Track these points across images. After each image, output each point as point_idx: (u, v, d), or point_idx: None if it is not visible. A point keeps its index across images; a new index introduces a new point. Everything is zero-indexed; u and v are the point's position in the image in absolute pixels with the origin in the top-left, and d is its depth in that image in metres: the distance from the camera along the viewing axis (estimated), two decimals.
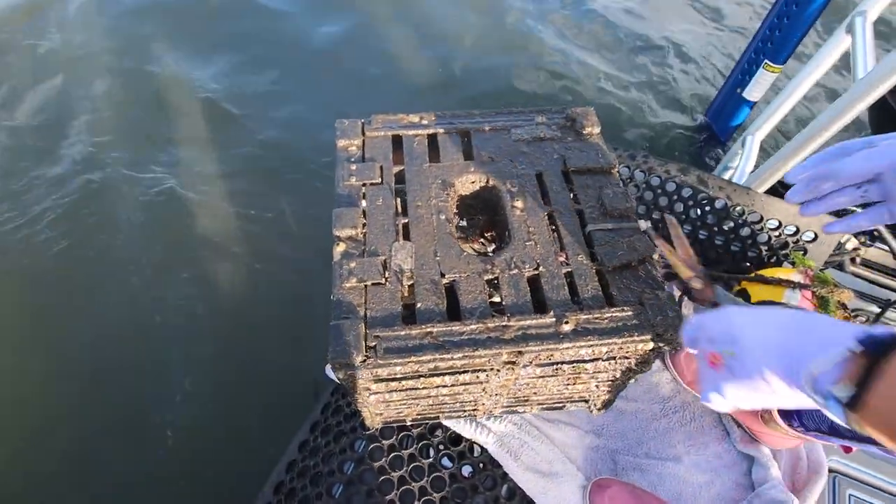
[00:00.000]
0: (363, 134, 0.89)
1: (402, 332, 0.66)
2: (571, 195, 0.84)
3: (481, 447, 1.00)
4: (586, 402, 0.96)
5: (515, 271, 0.74)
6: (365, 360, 0.64)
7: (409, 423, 0.97)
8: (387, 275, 0.72)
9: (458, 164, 0.87)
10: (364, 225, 0.77)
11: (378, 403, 0.79)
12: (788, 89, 1.33)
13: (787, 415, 0.98)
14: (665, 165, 1.32)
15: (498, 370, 0.71)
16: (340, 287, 0.70)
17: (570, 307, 0.70)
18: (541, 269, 0.74)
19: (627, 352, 0.72)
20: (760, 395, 0.48)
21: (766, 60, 1.59)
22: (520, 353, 0.67)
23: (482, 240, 0.92)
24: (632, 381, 0.84)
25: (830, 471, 1.12)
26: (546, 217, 0.80)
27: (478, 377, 0.74)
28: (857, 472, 1.13)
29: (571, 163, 0.86)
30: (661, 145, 2.14)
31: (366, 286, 0.70)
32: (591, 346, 0.68)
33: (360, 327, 0.66)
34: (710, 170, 1.71)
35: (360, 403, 0.78)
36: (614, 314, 0.69)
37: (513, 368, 0.71)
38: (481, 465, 0.99)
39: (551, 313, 0.69)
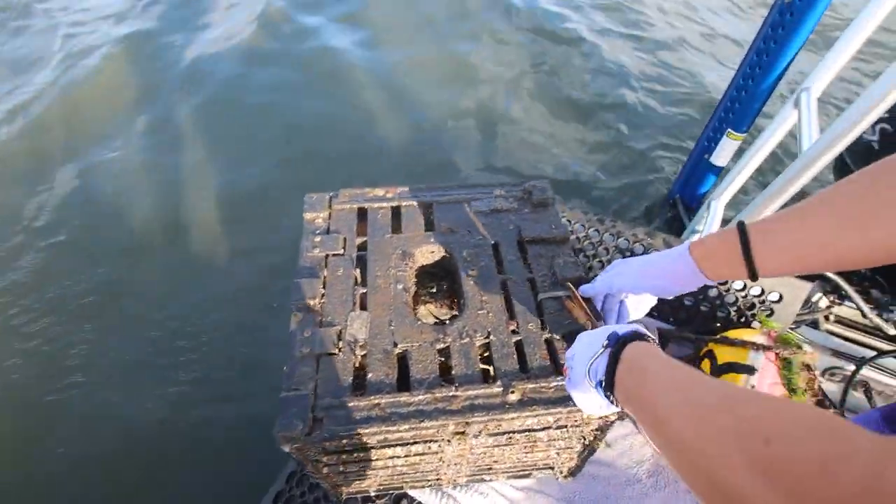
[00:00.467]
0: (330, 207, 0.95)
1: (351, 404, 0.68)
2: (525, 264, 0.88)
3: None
4: (552, 468, 0.96)
5: (466, 340, 0.76)
6: (310, 434, 0.65)
7: (372, 494, 0.96)
8: (340, 345, 0.74)
9: (419, 234, 0.91)
10: (323, 295, 0.81)
11: (334, 475, 0.79)
12: (747, 157, 1.40)
13: None
14: (633, 229, 1.37)
15: (448, 440, 0.72)
16: (294, 357, 0.72)
17: (518, 377, 0.72)
18: (491, 337, 0.77)
19: (577, 420, 0.73)
20: (588, 396, 0.61)
21: (728, 129, 1.68)
22: (467, 423, 0.68)
23: (450, 304, 0.96)
24: (604, 445, 0.84)
25: None
26: (500, 285, 0.84)
27: (430, 447, 0.74)
28: None
29: (526, 233, 0.91)
30: (630, 211, 2.22)
31: (318, 357, 0.73)
32: (537, 415, 0.69)
33: (309, 399, 0.68)
34: (680, 233, 1.77)
35: (316, 475, 0.78)
36: (560, 383, 0.71)
37: (463, 439, 0.72)
38: None
39: (499, 383, 0.71)
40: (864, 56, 3.10)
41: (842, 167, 1.47)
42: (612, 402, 0.55)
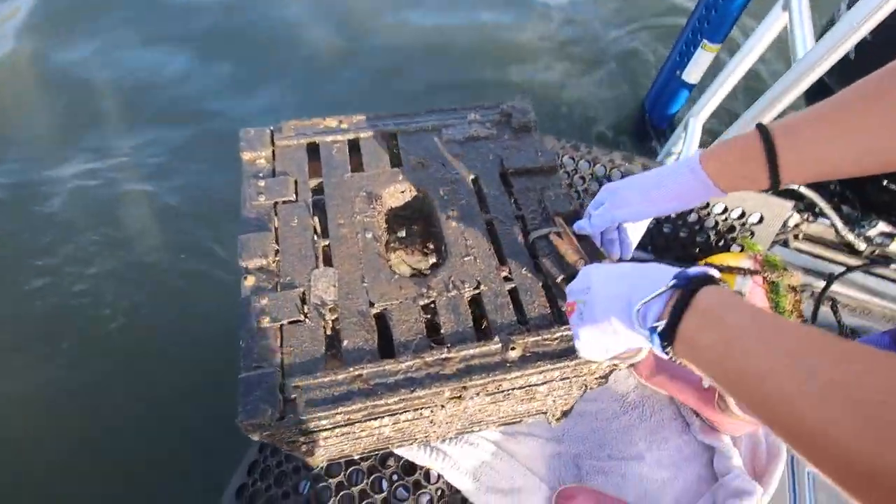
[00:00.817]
0: (272, 144, 0.78)
1: (327, 379, 0.57)
2: (511, 200, 0.77)
3: (438, 473, 0.93)
4: (544, 413, 0.91)
5: (454, 293, 0.66)
6: (283, 418, 0.54)
7: (356, 458, 0.89)
8: (306, 310, 0.62)
9: (385, 172, 0.77)
10: (277, 252, 0.67)
11: (312, 449, 0.70)
12: (728, 69, 1.31)
13: None
14: (609, 155, 1.27)
15: (442, 406, 0.63)
16: (250, 329, 0.60)
17: (517, 329, 0.63)
18: (482, 287, 0.67)
19: (582, 371, 0.66)
20: (608, 338, 0.52)
21: (703, 40, 1.57)
22: (464, 388, 0.60)
23: (424, 250, 0.84)
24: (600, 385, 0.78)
25: (788, 450, 1.12)
26: (485, 226, 0.73)
27: (421, 414, 0.66)
28: None
29: (509, 164, 0.79)
30: (604, 133, 2.10)
31: (281, 326, 0.61)
32: (543, 371, 0.61)
33: (276, 377, 0.56)
34: (654, 155, 1.70)
35: (292, 452, 0.69)
36: (565, 333, 0.63)
37: (459, 402, 0.64)
38: (439, 491, 0.93)
39: (496, 338, 0.62)
40: None
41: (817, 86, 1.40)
42: (665, 352, 0.46)
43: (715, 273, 0.46)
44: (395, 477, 0.92)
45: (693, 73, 1.66)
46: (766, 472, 1.07)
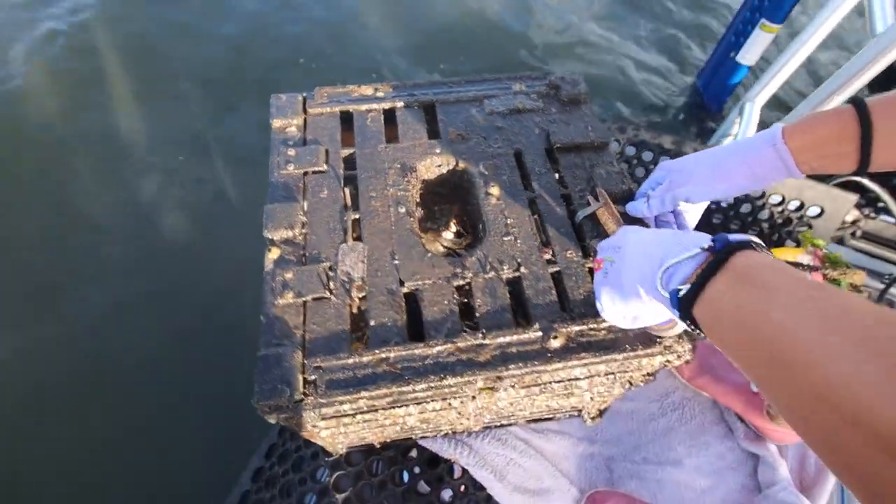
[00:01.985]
0: (304, 111, 0.74)
1: (351, 361, 0.52)
2: (557, 177, 0.70)
3: (462, 468, 0.88)
4: (580, 411, 0.85)
5: (492, 274, 0.60)
6: (302, 400, 0.50)
7: (377, 446, 0.85)
8: (332, 286, 0.58)
9: (421, 143, 0.72)
10: (304, 224, 0.63)
11: (333, 435, 0.66)
12: (792, 49, 1.19)
13: None
14: (658, 138, 1.19)
15: (473, 397, 0.58)
16: (273, 305, 0.56)
17: (560, 316, 0.57)
18: (522, 269, 0.61)
19: (630, 367, 0.60)
20: (631, 302, 0.49)
21: (762, 20, 1.44)
22: (499, 377, 0.54)
23: (453, 233, 0.79)
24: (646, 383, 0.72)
25: None
26: (527, 205, 0.67)
27: (450, 404, 0.61)
28: None
29: (556, 138, 0.72)
30: (652, 115, 1.99)
31: (305, 302, 0.56)
32: (587, 364, 0.55)
33: (297, 357, 0.52)
34: (707, 140, 1.59)
35: (311, 439, 0.65)
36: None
37: (492, 393, 0.58)
38: (462, 487, 0.88)
39: (536, 325, 0.56)
40: None
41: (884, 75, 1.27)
42: (681, 317, 0.42)
43: (756, 239, 0.41)
44: (416, 469, 0.88)
45: (749, 55, 1.54)
46: (815, 485, 0.99)
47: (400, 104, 0.76)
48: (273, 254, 0.60)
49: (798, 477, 1.01)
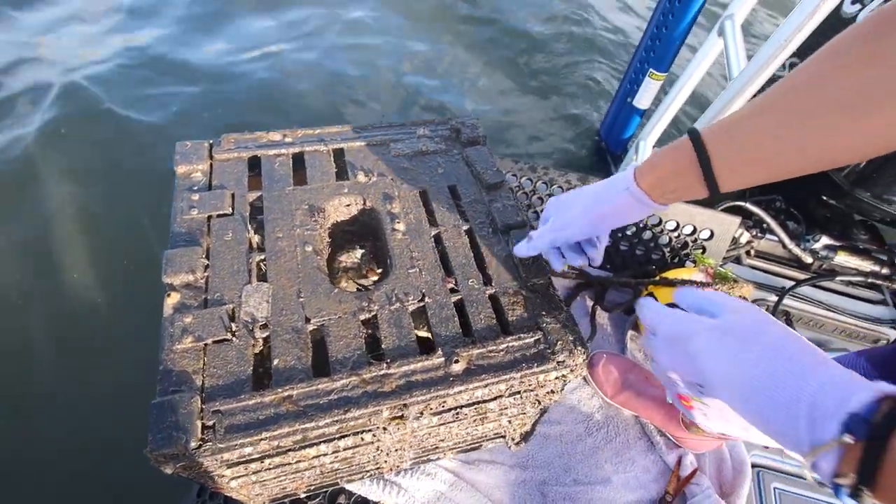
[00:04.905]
0: (210, 157, 0.75)
1: (252, 402, 0.52)
2: (459, 212, 0.75)
3: None
4: (503, 437, 0.87)
5: (397, 305, 0.63)
6: (200, 446, 0.49)
7: (302, 496, 0.82)
8: (234, 327, 0.58)
9: (330, 185, 0.75)
10: (206, 267, 0.62)
11: (245, 487, 0.64)
12: (672, 93, 1.37)
13: None
14: (565, 175, 1.29)
15: (384, 428, 0.59)
16: (171, 350, 0.55)
17: (462, 342, 0.60)
18: (426, 299, 0.64)
19: (531, 384, 0.63)
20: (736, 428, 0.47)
21: (650, 69, 1.64)
22: (405, 405, 0.56)
23: (373, 270, 0.81)
24: (553, 401, 0.75)
25: (753, 466, 1.11)
26: (432, 239, 0.70)
27: (363, 438, 0.61)
28: (778, 463, 1.12)
29: (458, 177, 0.77)
30: (557, 158, 2.16)
31: (205, 346, 0.56)
32: (488, 384, 0.58)
33: (195, 402, 0.51)
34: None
35: (224, 491, 0.62)
36: (511, 344, 0.60)
37: (402, 423, 0.59)
38: None
39: (439, 352, 0.58)
40: None
41: None
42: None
43: (889, 388, 0.34)
44: None
45: (643, 99, 1.73)
46: (733, 489, 1.05)
47: (309, 148, 0.79)
48: (172, 299, 0.59)
49: (717, 481, 1.07)
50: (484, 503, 0.93)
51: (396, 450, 0.71)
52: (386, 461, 0.76)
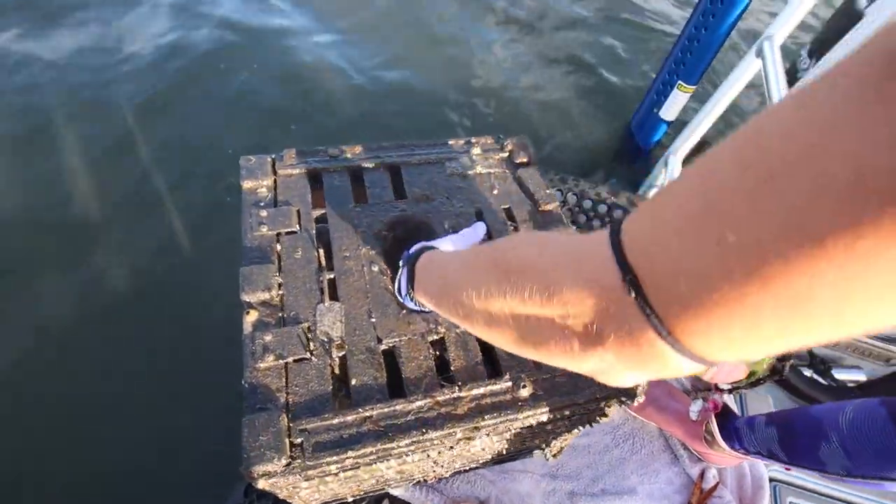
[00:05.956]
0: (274, 172, 0.76)
1: (336, 421, 0.54)
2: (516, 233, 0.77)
3: None
4: (542, 449, 0.90)
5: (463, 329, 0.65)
6: (290, 464, 0.51)
7: (350, 500, 0.84)
8: (312, 346, 0.60)
9: (389, 203, 0.77)
10: (280, 285, 0.65)
11: (311, 493, 0.67)
12: (705, 110, 1.38)
13: (728, 438, 0.99)
14: (596, 188, 1.31)
15: (451, 447, 0.61)
16: (254, 368, 0.57)
17: (526, 366, 0.63)
18: None
19: (591, 407, 0.65)
20: None
21: (679, 81, 1.65)
22: (476, 428, 0.58)
23: None
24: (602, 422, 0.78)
25: (771, 480, 1.14)
26: None
27: (428, 455, 0.63)
28: (795, 478, 1.16)
29: (512, 198, 0.79)
30: (586, 161, 2.17)
31: (286, 364, 0.58)
32: (554, 409, 0.60)
33: (282, 420, 0.53)
34: (639, 185, 1.76)
35: (288, 497, 0.65)
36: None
37: (468, 442, 0.62)
38: None
39: (507, 376, 0.61)
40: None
41: None
42: (417, 304, 0.58)
43: (428, 244, 0.59)
44: None
45: (670, 111, 1.74)
46: (752, 502, 1.08)
47: (366, 165, 0.81)
48: (251, 316, 0.61)
49: (737, 495, 1.11)
50: None
51: (450, 462, 0.74)
52: (436, 471, 0.79)
